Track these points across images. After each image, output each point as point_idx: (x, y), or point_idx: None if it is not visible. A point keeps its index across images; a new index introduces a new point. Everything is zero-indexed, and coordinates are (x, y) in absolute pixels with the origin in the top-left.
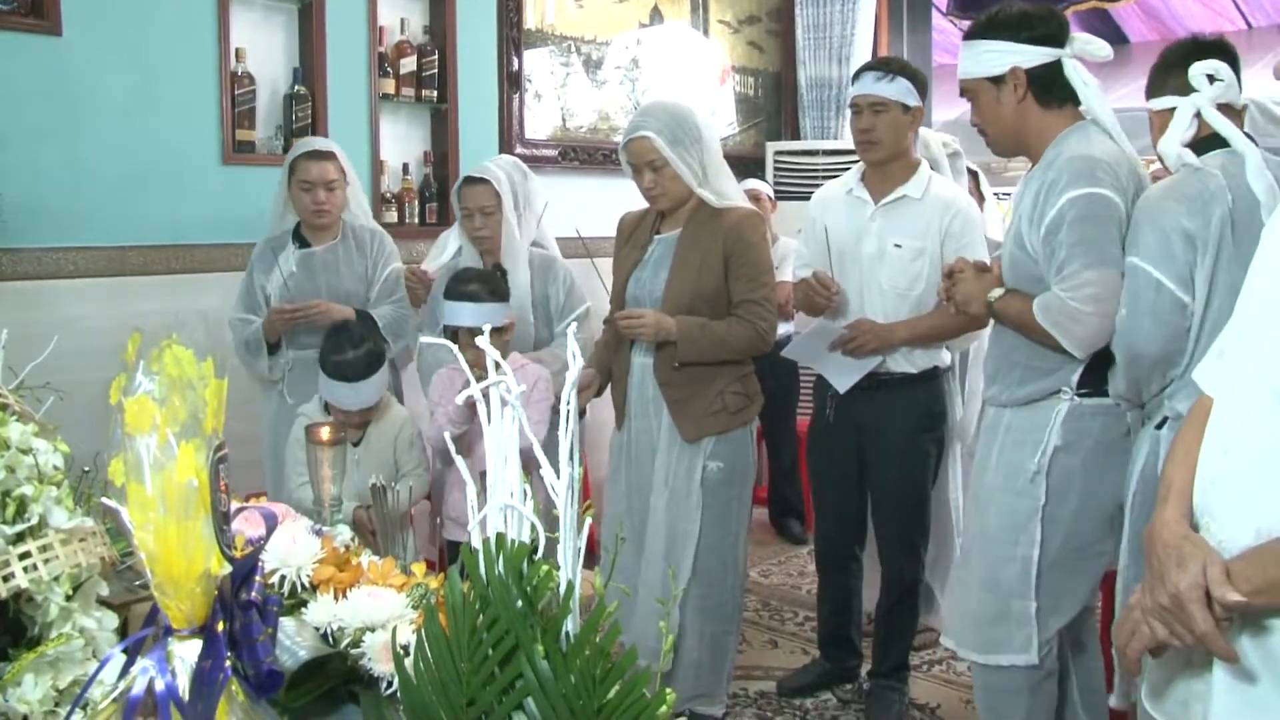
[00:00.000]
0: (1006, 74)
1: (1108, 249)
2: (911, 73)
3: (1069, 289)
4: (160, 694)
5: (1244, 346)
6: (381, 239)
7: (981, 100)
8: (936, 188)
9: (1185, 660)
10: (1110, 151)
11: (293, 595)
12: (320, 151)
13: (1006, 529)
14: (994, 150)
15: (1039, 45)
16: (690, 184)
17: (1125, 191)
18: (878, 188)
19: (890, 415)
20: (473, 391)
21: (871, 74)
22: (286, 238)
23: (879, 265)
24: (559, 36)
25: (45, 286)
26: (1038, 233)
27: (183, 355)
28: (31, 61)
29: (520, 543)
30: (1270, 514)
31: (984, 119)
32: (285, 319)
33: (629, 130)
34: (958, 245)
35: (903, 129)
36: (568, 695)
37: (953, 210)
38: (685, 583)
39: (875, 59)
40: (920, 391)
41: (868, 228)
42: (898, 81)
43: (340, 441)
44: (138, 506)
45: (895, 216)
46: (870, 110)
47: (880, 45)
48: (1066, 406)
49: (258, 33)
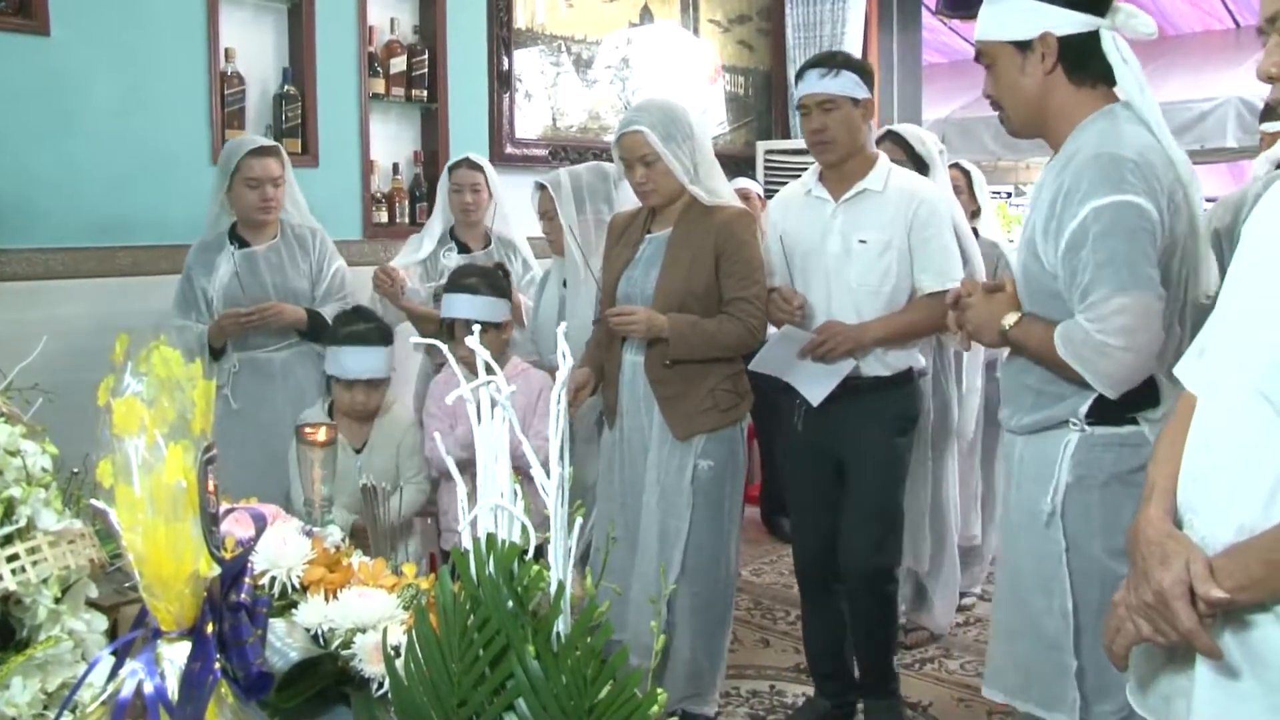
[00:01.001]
0: (1035, 40)
1: (1140, 268)
2: (857, 65)
3: (1095, 319)
4: (149, 696)
5: (1225, 344)
6: (323, 237)
7: (1001, 67)
8: (898, 179)
9: (1168, 655)
10: (1141, 145)
11: (283, 596)
12: (266, 148)
13: (1038, 574)
14: (1008, 128)
15: (1077, 10)
16: (682, 180)
17: (1159, 195)
18: (837, 185)
19: (864, 420)
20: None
21: (816, 71)
22: (223, 239)
23: (846, 263)
24: (549, 36)
25: (34, 287)
26: (1055, 247)
27: (171, 356)
28: (20, 61)
29: (511, 543)
30: (1252, 510)
31: (1001, 90)
32: (240, 322)
33: (622, 125)
34: (924, 234)
35: (856, 124)
36: (559, 695)
37: (917, 200)
38: (675, 580)
39: (817, 55)
40: (894, 395)
41: (830, 226)
42: (844, 76)
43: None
44: (126, 508)
45: (858, 212)
46: (820, 109)
47: (870, 44)
48: (1076, 438)
49: (247, 32)
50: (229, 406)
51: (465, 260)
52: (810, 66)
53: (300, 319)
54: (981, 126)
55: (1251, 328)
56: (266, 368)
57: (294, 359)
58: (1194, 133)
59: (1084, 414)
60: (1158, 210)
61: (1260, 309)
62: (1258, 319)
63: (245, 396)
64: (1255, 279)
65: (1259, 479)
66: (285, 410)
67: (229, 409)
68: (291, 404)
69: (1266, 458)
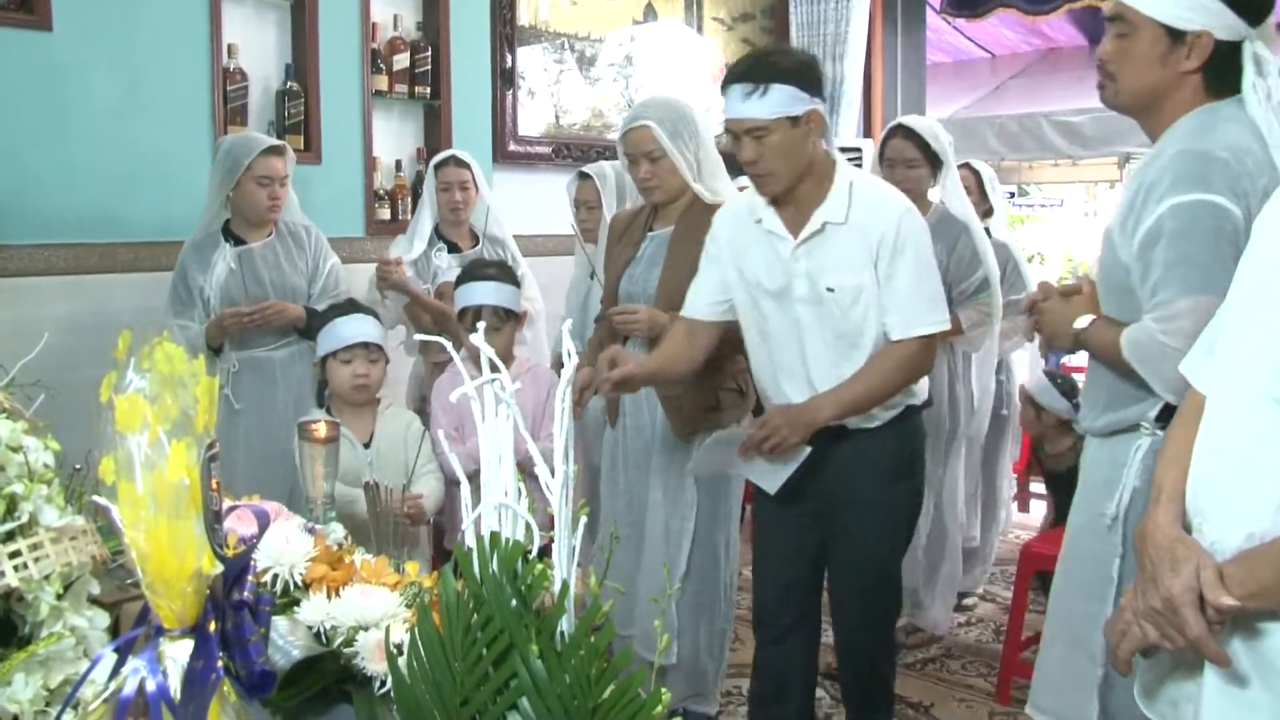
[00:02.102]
0: (1191, 35)
1: (1212, 272)
2: (792, 71)
3: (1160, 319)
4: (151, 694)
5: (1234, 344)
6: (317, 234)
7: (1138, 42)
8: (861, 200)
9: (1176, 661)
10: (1236, 144)
11: (285, 594)
12: (276, 147)
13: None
14: (1105, 95)
15: (1240, 14)
16: (686, 177)
17: (1246, 196)
18: (793, 218)
19: (852, 467)
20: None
21: (739, 89)
22: (218, 237)
23: (818, 314)
24: (552, 33)
25: (36, 283)
26: (1130, 243)
27: (173, 352)
28: (21, 57)
29: (515, 541)
30: (1262, 517)
31: (1124, 64)
32: (241, 322)
33: (628, 120)
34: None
35: (796, 147)
36: (562, 695)
37: (881, 224)
38: (680, 580)
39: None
40: (889, 435)
41: (793, 269)
42: (775, 92)
43: (333, 439)
44: (129, 505)
45: (821, 253)
46: (750, 138)
47: (874, 43)
48: (1147, 442)
49: (249, 28)
50: (230, 407)
51: (456, 260)
52: (733, 81)
53: (300, 317)
54: (985, 126)
55: (1261, 330)
56: (266, 367)
57: (293, 357)
58: None
59: (1154, 418)
60: (1243, 212)
61: (1268, 311)
62: (1267, 321)
63: (246, 396)
64: (1264, 279)
65: (1269, 485)
66: (286, 409)
67: (230, 409)
68: (292, 402)
69: (1277, 463)
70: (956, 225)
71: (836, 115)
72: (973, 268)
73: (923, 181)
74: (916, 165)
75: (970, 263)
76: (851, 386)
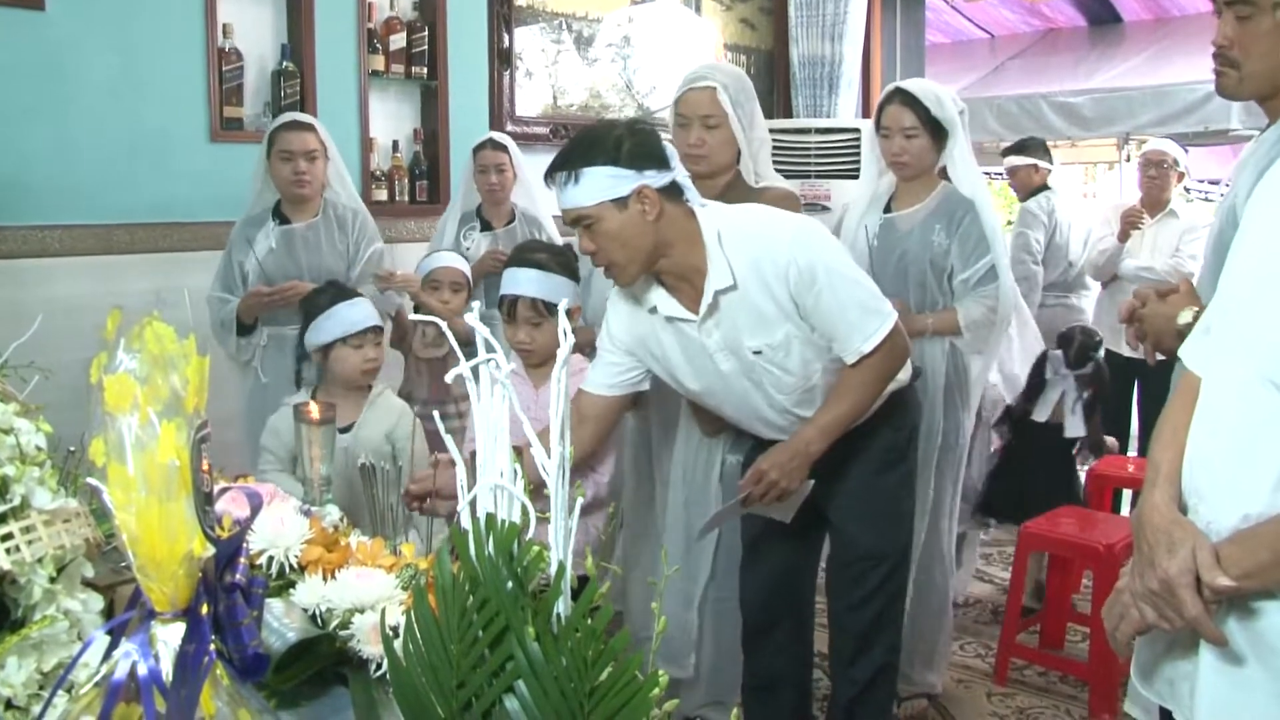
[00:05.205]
0: None
1: None
2: (601, 150)
3: None
4: (143, 678)
5: (1229, 325)
6: (364, 218)
7: (1265, 19)
8: (735, 249)
9: (1173, 640)
10: None
11: (281, 576)
12: (300, 122)
13: None
14: (1225, 82)
15: None
16: (742, 148)
17: None
18: (686, 293)
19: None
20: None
21: (557, 178)
22: (266, 215)
23: (754, 377)
24: (550, 13)
25: (31, 265)
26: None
27: (163, 332)
28: (15, 37)
29: (511, 523)
30: (1258, 497)
31: (1252, 44)
32: (264, 301)
33: (690, 79)
34: (807, 300)
35: (633, 227)
36: (559, 677)
37: (774, 266)
38: (704, 584)
39: (561, 151)
40: (885, 425)
41: (707, 346)
42: (586, 177)
43: (329, 420)
44: (119, 487)
45: (729, 322)
46: (582, 229)
47: (873, 23)
48: None
49: (245, 8)
50: (258, 380)
51: (488, 238)
52: (550, 171)
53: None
54: (985, 107)
55: (1256, 312)
56: (290, 343)
57: None
58: (1197, 115)
59: None
60: None
61: (1264, 292)
62: (1262, 303)
63: (273, 370)
64: (1258, 260)
65: (1265, 466)
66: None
67: (259, 383)
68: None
69: (1273, 444)
70: (963, 204)
71: (835, 96)
72: (979, 253)
73: (924, 154)
74: (915, 135)
75: (977, 246)
76: (833, 409)
